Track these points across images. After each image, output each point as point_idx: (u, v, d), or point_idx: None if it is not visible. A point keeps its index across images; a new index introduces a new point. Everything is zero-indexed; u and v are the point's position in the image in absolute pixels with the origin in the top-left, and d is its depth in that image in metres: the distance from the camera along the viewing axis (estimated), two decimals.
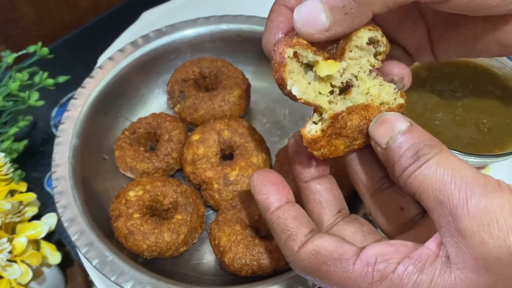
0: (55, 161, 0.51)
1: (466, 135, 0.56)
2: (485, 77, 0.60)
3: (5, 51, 0.62)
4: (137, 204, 0.50)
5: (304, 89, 0.34)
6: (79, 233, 0.46)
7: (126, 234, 0.48)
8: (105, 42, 0.75)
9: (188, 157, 0.55)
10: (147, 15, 0.78)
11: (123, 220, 0.49)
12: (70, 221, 0.47)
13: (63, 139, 0.53)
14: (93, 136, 0.56)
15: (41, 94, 0.62)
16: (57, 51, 0.68)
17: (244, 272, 0.46)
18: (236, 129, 0.56)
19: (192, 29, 0.63)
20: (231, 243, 0.47)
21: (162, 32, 0.62)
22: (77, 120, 0.54)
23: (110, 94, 0.58)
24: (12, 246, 0.50)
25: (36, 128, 0.71)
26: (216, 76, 0.61)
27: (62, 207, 0.48)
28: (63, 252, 0.58)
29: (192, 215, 0.50)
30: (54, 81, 0.62)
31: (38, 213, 0.57)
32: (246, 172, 0.52)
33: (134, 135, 0.57)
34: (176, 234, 0.49)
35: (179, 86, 0.59)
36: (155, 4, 0.80)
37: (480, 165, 0.58)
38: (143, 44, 0.61)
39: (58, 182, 0.50)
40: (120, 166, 0.56)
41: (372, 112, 0.35)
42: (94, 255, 0.45)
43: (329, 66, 0.34)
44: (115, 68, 0.59)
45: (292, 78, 0.33)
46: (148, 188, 0.51)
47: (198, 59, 0.62)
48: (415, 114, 0.57)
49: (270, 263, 0.46)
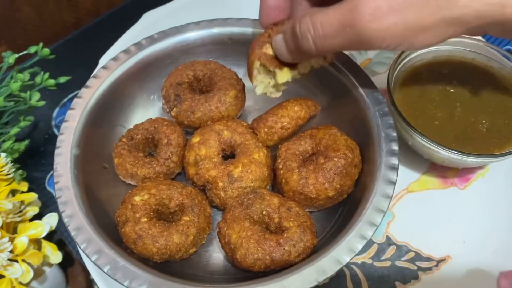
0: (57, 171, 0.51)
1: (465, 135, 0.56)
2: (484, 77, 0.61)
3: (6, 52, 0.62)
4: (143, 208, 0.50)
5: (263, 88, 0.52)
6: (88, 241, 0.46)
7: (135, 239, 0.48)
8: (106, 42, 0.75)
9: (190, 159, 0.55)
10: (148, 16, 0.78)
11: (130, 225, 0.48)
12: (77, 230, 0.47)
13: (63, 149, 0.53)
14: (92, 146, 0.56)
15: (42, 94, 0.62)
16: (58, 51, 0.68)
17: (257, 267, 0.47)
18: (236, 129, 0.56)
19: (183, 34, 0.63)
20: (242, 239, 0.47)
21: (154, 39, 0.62)
22: (75, 130, 0.54)
23: (106, 103, 0.58)
24: (13, 245, 0.50)
25: (37, 128, 0.72)
26: (210, 78, 0.61)
27: (68, 216, 0.48)
28: (64, 251, 0.58)
29: (200, 216, 0.50)
30: (55, 81, 0.62)
31: (39, 213, 0.57)
32: (250, 168, 0.53)
33: (132, 141, 0.57)
34: (185, 236, 0.49)
35: (174, 90, 0.59)
36: (156, 5, 0.80)
37: (479, 164, 0.58)
38: (135, 51, 0.61)
39: (62, 192, 0.49)
40: (121, 174, 0.56)
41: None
42: (104, 261, 0.45)
43: (284, 74, 0.50)
44: (110, 77, 0.59)
45: (256, 81, 0.52)
46: (153, 192, 0.51)
47: (191, 62, 0.62)
48: (414, 114, 0.58)
49: (282, 256, 0.46)
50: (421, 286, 0.54)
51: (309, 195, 0.50)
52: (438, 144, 0.53)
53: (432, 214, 0.59)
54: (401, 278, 0.54)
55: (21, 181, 0.58)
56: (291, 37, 0.45)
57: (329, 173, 0.50)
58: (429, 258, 0.55)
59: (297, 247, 0.46)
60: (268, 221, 0.49)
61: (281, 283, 0.43)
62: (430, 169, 0.62)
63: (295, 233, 0.47)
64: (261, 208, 0.49)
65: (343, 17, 0.39)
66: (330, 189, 0.50)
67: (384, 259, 0.56)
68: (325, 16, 0.41)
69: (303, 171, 0.51)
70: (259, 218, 0.50)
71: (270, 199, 0.50)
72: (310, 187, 0.50)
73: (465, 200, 0.60)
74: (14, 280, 0.51)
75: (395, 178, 0.49)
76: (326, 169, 0.50)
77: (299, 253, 0.46)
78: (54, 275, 0.57)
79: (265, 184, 0.54)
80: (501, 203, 0.59)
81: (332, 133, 0.53)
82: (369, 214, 0.47)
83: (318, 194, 0.50)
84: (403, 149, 0.53)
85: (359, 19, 0.38)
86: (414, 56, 0.62)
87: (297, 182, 0.50)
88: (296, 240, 0.46)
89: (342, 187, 0.50)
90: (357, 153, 0.53)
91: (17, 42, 0.80)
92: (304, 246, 0.46)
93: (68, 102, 0.74)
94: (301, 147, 0.54)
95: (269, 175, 0.55)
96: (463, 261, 0.55)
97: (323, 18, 0.41)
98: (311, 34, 0.42)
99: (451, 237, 0.57)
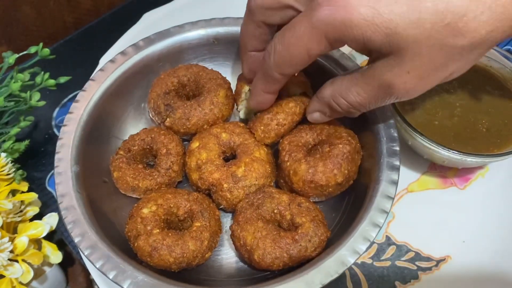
0: (59, 191, 0.50)
1: (464, 135, 0.56)
2: (484, 77, 0.61)
3: (7, 52, 0.62)
4: (153, 220, 0.49)
5: (246, 114, 0.59)
6: (105, 259, 0.45)
7: (150, 252, 0.47)
8: (106, 43, 0.75)
9: (192, 164, 0.55)
10: (148, 16, 0.78)
11: (143, 239, 0.48)
12: (91, 249, 0.46)
13: (62, 168, 0.51)
14: (90, 161, 0.55)
15: (42, 94, 0.62)
16: (58, 51, 0.68)
17: (276, 266, 0.47)
18: (233, 130, 0.56)
19: (169, 39, 0.63)
20: (257, 240, 0.47)
21: (139, 46, 0.61)
22: (72, 147, 0.53)
23: (98, 116, 0.57)
24: (13, 245, 0.50)
25: (38, 128, 0.72)
26: (196, 81, 0.60)
27: (79, 235, 0.47)
28: (64, 251, 0.58)
29: (210, 220, 0.50)
30: (55, 81, 0.62)
31: (40, 213, 0.57)
32: (252, 166, 0.53)
33: (129, 153, 0.56)
34: (200, 241, 0.48)
35: (163, 100, 0.58)
36: (156, 5, 0.80)
37: (478, 164, 0.58)
38: (122, 61, 0.60)
39: (68, 212, 0.48)
40: (121, 187, 0.55)
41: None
42: (124, 278, 0.44)
43: None
44: (99, 90, 0.58)
45: (242, 104, 0.59)
46: (160, 202, 0.51)
47: (172, 69, 0.61)
48: (414, 115, 0.58)
49: (299, 252, 0.46)
50: (421, 286, 0.54)
51: (320, 183, 0.50)
52: (438, 144, 0.53)
53: (432, 214, 0.59)
54: (401, 278, 0.54)
55: (21, 181, 0.58)
56: (330, 111, 0.50)
57: (337, 159, 0.50)
58: (429, 258, 0.55)
59: (313, 241, 0.47)
60: (280, 219, 0.50)
61: (303, 279, 0.43)
62: (430, 169, 0.62)
63: (309, 228, 0.47)
64: (272, 206, 0.50)
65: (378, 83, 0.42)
66: (339, 175, 0.50)
67: (384, 259, 0.56)
68: (360, 89, 0.44)
69: (311, 160, 0.51)
70: (271, 217, 0.50)
71: (280, 196, 0.50)
72: (320, 175, 0.50)
73: (465, 200, 0.60)
74: (14, 280, 0.51)
75: (396, 178, 0.49)
76: (333, 155, 0.50)
77: (315, 247, 0.47)
78: (54, 275, 0.57)
79: (269, 181, 0.54)
80: (501, 203, 0.59)
81: (330, 123, 0.54)
82: (379, 201, 0.48)
83: (328, 181, 0.50)
84: (403, 149, 0.53)
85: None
86: None
87: (306, 171, 0.51)
88: (311, 234, 0.47)
89: (349, 173, 0.51)
90: (357, 140, 0.53)
91: (17, 42, 0.80)
92: (319, 240, 0.47)
93: (68, 102, 0.74)
94: (303, 139, 0.54)
95: (272, 171, 0.55)
96: (463, 261, 0.55)
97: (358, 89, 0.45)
98: (352, 107, 0.47)
99: (451, 237, 0.57)
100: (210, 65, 0.64)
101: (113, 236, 0.50)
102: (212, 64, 0.65)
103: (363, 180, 0.52)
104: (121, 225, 0.52)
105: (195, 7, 0.80)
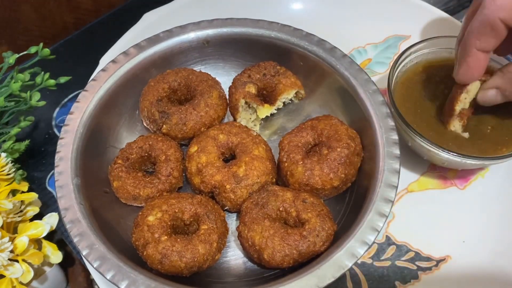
0: (61, 205, 0.50)
1: (465, 136, 0.56)
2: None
3: (7, 52, 0.62)
4: (160, 226, 0.49)
5: (245, 123, 0.60)
6: (115, 270, 0.45)
7: (160, 259, 0.47)
8: (106, 43, 0.75)
9: (193, 168, 0.55)
10: (148, 16, 0.78)
11: (152, 247, 0.48)
12: (101, 259, 0.46)
13: (63, 181, 0.51)
14: (90, 173, 0.54)
15: (42, 94, 0.62)
16: (59, 52, 0.69)
17: (286, 263, 0.47)
18: (230, 131, 0.56)
19: (160, 44, 0.62)
20: (266, 239, 0.47)
21: (128, 54, 0.61)
22: (71, 160, 0.53)
23: (93, 127, 0.57)
24: (13, 245, 0.50)
25: (38, 128, 0.72)
26: (187, 85, 0.60)
27: (87, 248, 0.47)
28: (64, 251, 0.58)
29: (217, 221, 0.50)
30: (55, 81, 0.62)
31: (40, 213, 0.57)
32: (253, 165, 0.53)
33: (128, 162, 0.56)
34: (209, 244, 0.48)
35: (156, 107, 0.57)
36: (156, 5, 0.80)
37: (478, 166, 0.58)
38: (114, 69, 0.60)
39: (74, 225, 0.48)
40: (122, 196, 0.54)
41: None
42: (136, 287, 0.44)
43: (265, 110, 0.59)
44: (92, 101, 0.57)
45: (240, 117, 0.59)
46: (165, 208, 0.50)
47: (161, 75, 0.60)
48: (416, 116, 0.58)
49: (308, 248, 0.47)
50: (421, 286, 0.54)
51: (315, 186, 0.51)
52: (438, 146, 0.53)
53: (432, 214, 0.59)
54: (401, 278, 0.54)
55: (21, 181, 0.58)
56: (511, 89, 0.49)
57: (334, 163, 0.51)
58: (429, 258, 0.55)
59: (320, 236, 0.47)
60: (286, 216, 0.50)
61: (315, 274, 0.44)
62: (430, 169, 0.62)
63: (316, 223, 0.47)
64: (277, 205, 0.50)
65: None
66: (335, 179, 0.50)
67: (384, 259, 0.56)
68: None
69: (308, 162, 0.51)
70: (277, 215, 0.50)
71: (283, 194, 0.50)
72: (315, 178, 0.50)
73: (465, 200, 0.60)
74: (14, 280, 0.51)
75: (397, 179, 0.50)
76: (330, 159, 0.51)
77: (323, 242, 0.47)
78: (55, 275, 0.57)
79: (271, 178, 0.54)
80: (500, 203, 0.59)
81: (332, 124, 0.54)
82: (381, 195, 0.48)
83: (323, 185, 0.50)
84: (403, 150, 0.53)
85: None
86: (415, 57, 0.62)
87: (303, 174, 0.51)
88: (318, 229, 0.47)
89: (346, 176, 0.51)
90: (358, 141, 0.53)
91: (18, 42, 0.80)
92: (326, 234, 0.47)
93: (68, 102, 0.74)
94: (303, 139, 0.54)
95: (273, 168, 0.55)
96: (463, 261, 0.55)
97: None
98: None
99: (451, 237, 0.57)
100: (202, 68, 0.63)
101: (120, 245, 0.49)
102: (203, 66, 0.65)
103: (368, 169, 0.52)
104: (126, 234, 0.52)
105: (195, 7, 0.80)
